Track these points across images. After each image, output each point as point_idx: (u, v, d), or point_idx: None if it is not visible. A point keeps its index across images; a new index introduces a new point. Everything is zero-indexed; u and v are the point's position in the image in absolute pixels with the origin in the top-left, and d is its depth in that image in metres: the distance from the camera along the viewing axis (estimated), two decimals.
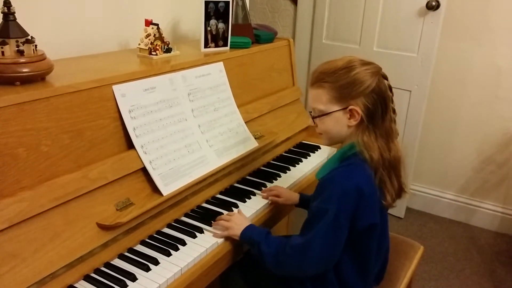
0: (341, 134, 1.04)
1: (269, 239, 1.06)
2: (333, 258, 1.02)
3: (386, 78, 1.03)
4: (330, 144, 1.10)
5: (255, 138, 1.44)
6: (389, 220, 1.15)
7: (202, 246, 1.05)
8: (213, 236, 1.10)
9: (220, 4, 1.45)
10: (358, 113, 0.99)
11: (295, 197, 1.31)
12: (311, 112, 1.07)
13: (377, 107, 0.99)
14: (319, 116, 1.04)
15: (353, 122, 1.01)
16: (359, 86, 0.98)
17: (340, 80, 1.00)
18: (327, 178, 1.02)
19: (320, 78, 1.02)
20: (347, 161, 1.02)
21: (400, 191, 1.06)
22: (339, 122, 1.02)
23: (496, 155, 2.31)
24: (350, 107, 0.99)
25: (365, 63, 1.01)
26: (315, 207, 1.01)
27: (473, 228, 2.40)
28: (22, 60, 0.95)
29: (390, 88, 1.04)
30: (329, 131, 1.05)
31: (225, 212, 1.19)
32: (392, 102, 1.04)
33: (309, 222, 1.04)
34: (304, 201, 1.30)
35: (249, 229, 1.08)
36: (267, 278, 1.21)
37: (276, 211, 1.29)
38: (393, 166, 1.03)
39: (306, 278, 1.10)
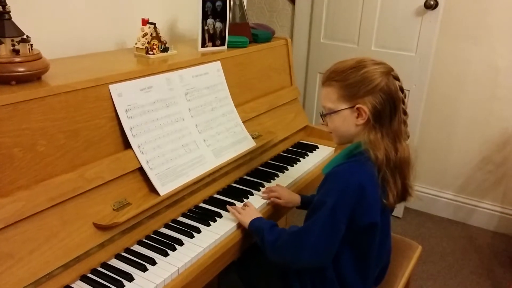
0: (350, 132, 1.05)
1: (273, 228, 1.09)
2: (328, 251, 1.02)
3: (397, 79, 1.03)
4: (340, 143, 1.11)
5: (253, 138, 1.44)
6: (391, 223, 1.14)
7: (200, 246, 1.05)
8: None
9: (217, 3, 1.45)
10: (365, 112, 1.00)
11: (296, 198, 1.31)
12: (322, 111, 1.09)
13: (385, 107, 0.99)
14: (328, 114, 1.06)
15: (361, 121, 1.01)
16: (367, 85, 0.99)
17: (348, 79, 1.01)
18: (331, 172, 1.04)
19: (330, 77, 1.04)
20: (353, 158, 1.03)
21: (404, 194, 1.06)
22: (347, 121, 1.03)
23: (494, 155, 2.31)
24: (357, 105, 1.00)
25: (376, 63, 1.02)
26: (316, 199, 1.03)
27: (471, 228, 2.40)
28: (18, 59, 0.94)
29: (402, 89, 1.03)
30: (338, 129, 1.06)
31: (222, 211, 1.19)
32: (404, 103, 1.04)
33: (309, 213, 1.06)
34: (305, 203, 1.30)
35: (257, 219, 1.13)
36: (265, 278, 1.21)
37: (274, 210, 1.29)
38: (399, 167, 1.02)
39: (305, 276, 1.10)
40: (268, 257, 1.08)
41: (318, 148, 1.67)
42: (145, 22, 1.34)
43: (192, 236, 1.08)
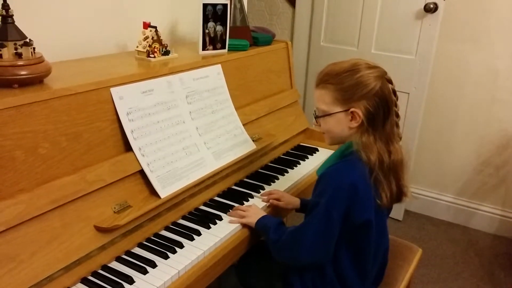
0: (343, 134, 1.06)
1: (279, 227, 1.11)
2: (325, 249, 1.03)
3: (390, 82, 1.04)
4: (332, 143, 1.12)
5: (253, 141, 1.44)
6: (387, 222, 1.15)
7: (200, 248, 1.05)
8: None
9: (218, 7, 1.45)
10: (359, 115, 1.01)
11: (296, 201, 1.32)
12: (315, 111, 1.09)
13: (379, 110, 1.00)
14: (321, 116, 1.07)
15: (354, 124, 1.02)
16: (362, 89, 1.00)
17: (343, 82, 1.01)
18: (324, 173, 1.05)
19: (324, 79, 1.05)
20: (345, 159, 1.05)
21: (400, 195, 1.07)
22: (341, 123, 1.04)
23: (494, 157, 2.32)
24: (352, 109, 1.01)
25: (370, 67, 1.03)
26: (311, 201, 1.05)
27: (472, 231, 2.40)
28: (20, 62, 0.95)
29: (394, 92, 1.04)
30: (331, 131, 1.07)
31: (223, 214, 1.19)
32: (396, 106, 1.05)
33: (306, 216, 1.08)
34: (305, 206, 1.31)
35: (264, 218, 1.14)
36: (265, 280, 1.21)
37: (274, 213, 1.29)
38: (393, 169, 1.03)
39: (306, 276, 1.11)
40: (273, 255, 1.10)
41: (318, 150, 1.67)
42: (146, 25, 1.35)
43: (192, 239, 1.08)
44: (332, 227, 1.00)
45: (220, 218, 1.17)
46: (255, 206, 1.21)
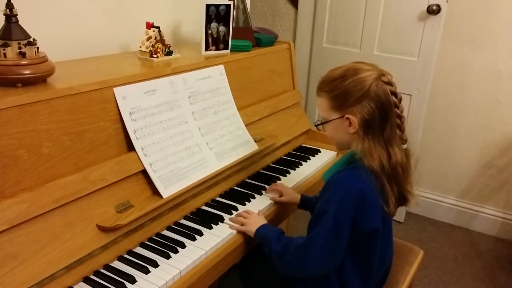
0: (345, 140, 1.05)
1: (280, 238, 1.09)
2: (335, 259, 1.02)
3: (389, 83, 1.00)
4: (340, 148, 1.12)
5: (255, 141, 1.44)
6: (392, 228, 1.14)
7: (202, 248, 1.05)
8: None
9: (221, 7, 1.46)
10: (354, 121, 1.00)
11: (297, 197, 1.32)
12: (316, 121, 1.10)
13: (375, 115, 0.98)
14: (322, 124, 1.07)
15: (352, 130, 1.01)
16: (353, 95, 0.99)
17: (335, 90, 1.01)
18: (331, 180, 1.04)
19: (320, 87, 1.05)
20: (352, 165, 1.03)
21: (402, 200, 1.06)
22: (340, 129, 1.04)
23: (497, 160, 2.31)
24: (346, 115, 1.00)
25: (365, 70, 1.00)
26: (318, 208, 1.03)
27: (473, 233, 2.40)
28: (24, 62, 0.95)
29: (394, 93, 1.01)
30: (334, 137, 1.08)
31: (225, 215, 1.19)
32: (397, 107, 1.02)
33: (312, 223, 1.06)
34: (305, 202, 1.31)
35: (263, 228, 1.12)
36: (267, 281, 1.21)
37: (276, 214, 1.29)
38: (393, 174, 1.01)
39: (308, 280, 1.10)
40: (275, 267, 1.08)
41: (320, 152, 1.67)
42: (149, 25, 1.35)
43: (194, 239, 1.08)
44: (341, 236, 0.99)
45: (222, 219, 1.18)
46: (256, 214, 1.19)
